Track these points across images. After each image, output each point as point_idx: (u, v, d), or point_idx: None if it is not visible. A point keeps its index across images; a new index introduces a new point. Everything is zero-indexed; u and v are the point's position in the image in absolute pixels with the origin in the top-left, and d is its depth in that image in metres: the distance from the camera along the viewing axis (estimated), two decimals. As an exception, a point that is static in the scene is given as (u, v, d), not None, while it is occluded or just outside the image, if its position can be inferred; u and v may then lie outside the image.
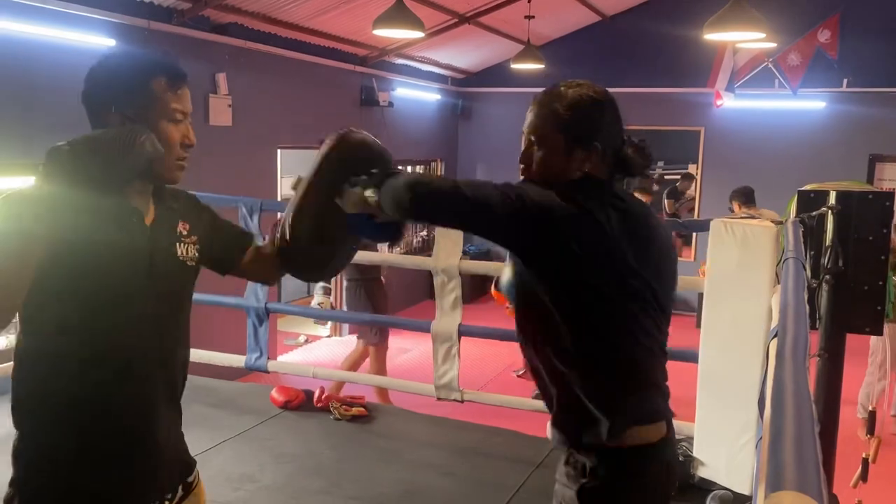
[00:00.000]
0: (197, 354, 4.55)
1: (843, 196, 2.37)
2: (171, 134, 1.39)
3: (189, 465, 1.63)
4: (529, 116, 1.68)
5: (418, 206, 1.50)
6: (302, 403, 4.15)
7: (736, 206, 6.42)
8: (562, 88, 1.67)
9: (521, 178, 1.66)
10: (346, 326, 8.26)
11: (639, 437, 1.60)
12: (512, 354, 7.01)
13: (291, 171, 8.32)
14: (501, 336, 4.98)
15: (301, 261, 1.67)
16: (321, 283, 8.27)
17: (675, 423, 3.67)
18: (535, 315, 1.61)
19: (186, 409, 4.36)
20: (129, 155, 1.31)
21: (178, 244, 1.48)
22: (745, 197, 6.39)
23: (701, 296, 3.34)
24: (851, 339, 2.44)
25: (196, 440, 3.63)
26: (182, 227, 1.50)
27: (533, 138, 1.64)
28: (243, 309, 4.39)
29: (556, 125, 1.61)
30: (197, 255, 1.52)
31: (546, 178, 1.58)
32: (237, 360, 4.48)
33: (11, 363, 1.44)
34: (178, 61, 1.43)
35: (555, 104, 1.63)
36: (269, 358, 4.41)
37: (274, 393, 4.21)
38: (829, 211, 2.35)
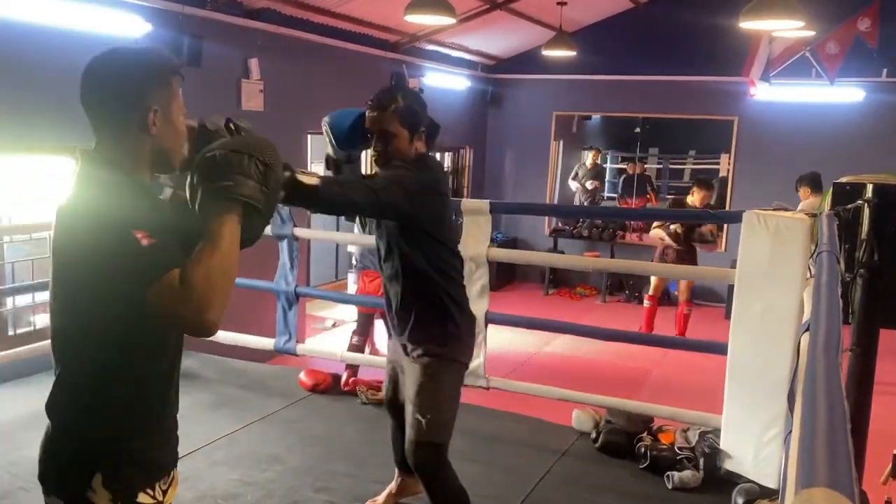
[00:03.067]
0: (227, 336, 4.63)
1: (880, 189, 2.32)
2: (185, 128, 1.52)
3: None
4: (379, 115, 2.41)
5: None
6: (329, 387, 4.19)
7: (803, 193, 6.38)
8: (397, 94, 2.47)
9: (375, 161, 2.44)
10: (373, 311, 8.30)
11: None
12: (538, 342, 7.01)
13: (321, 156, 8.37)
14: (528, 324, 5.00)
15: None
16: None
17: (702, 414, 3.65)
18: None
19: (216, 389, 4.41)
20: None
21: None
22: (814, 183, 6.32)
23: (731, 287, 3.31)
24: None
25: (225, 421, 3.71)
26: None
27: (390, 130, 2.39)
28: (273, 292, 4.44)
29: (404, 122, 2.38)
30: None
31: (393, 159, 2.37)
32: (267, 343, 4.53)
33: (48, 341, 1.52)
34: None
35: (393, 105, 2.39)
36: (297, 341, 4.46)
37: (302, 376, 4.26)
38: (866, 204, 2.31)
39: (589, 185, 10.29)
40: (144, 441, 1.53)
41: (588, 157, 10.41)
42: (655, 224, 7.23)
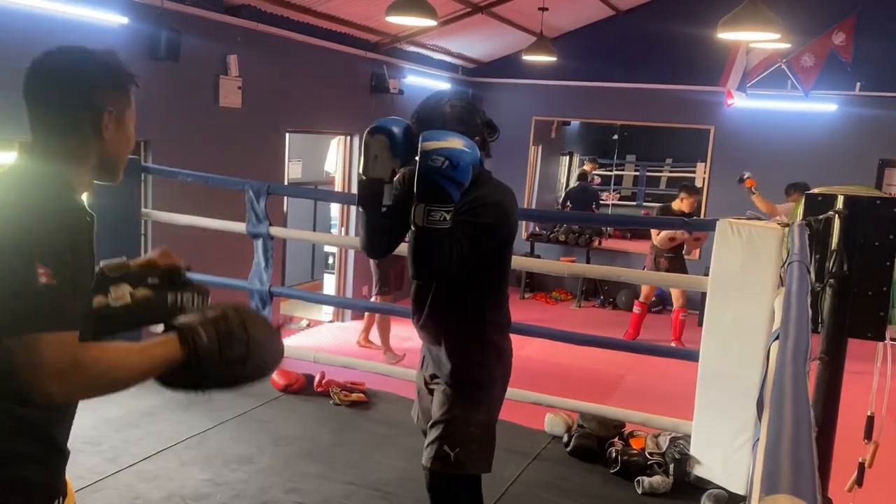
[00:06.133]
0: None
1: (850, 200, 2.35)
2: (133, 136, 1.45)
3: None
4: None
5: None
6: (302, 387, 4.17)
7: (794, 198, 6.67)
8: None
9: None
10: (348, 312, 8.28)
11: None
12: (513, 346, 7.02)
13: (299, 154, 8.33)
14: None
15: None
16: None
17: (673, 420, 3.69)
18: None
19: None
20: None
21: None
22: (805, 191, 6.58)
23: (704, 295, 3.34)
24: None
25: (196, 420, 3.68)
26: None
27: None
28: (247, 291, 4.41)
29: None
30: None
31: None
32: (239, 342, 4.49)
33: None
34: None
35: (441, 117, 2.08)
36: (270, 341, 4.43)
37: (274, 376, 4.23)
38: (836, 215, 2.34)
39: None
40: (36, 465, 1.35)
41: None
42: (660, 232, 7.39)
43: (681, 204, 7.37)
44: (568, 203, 10.36)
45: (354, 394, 4.07)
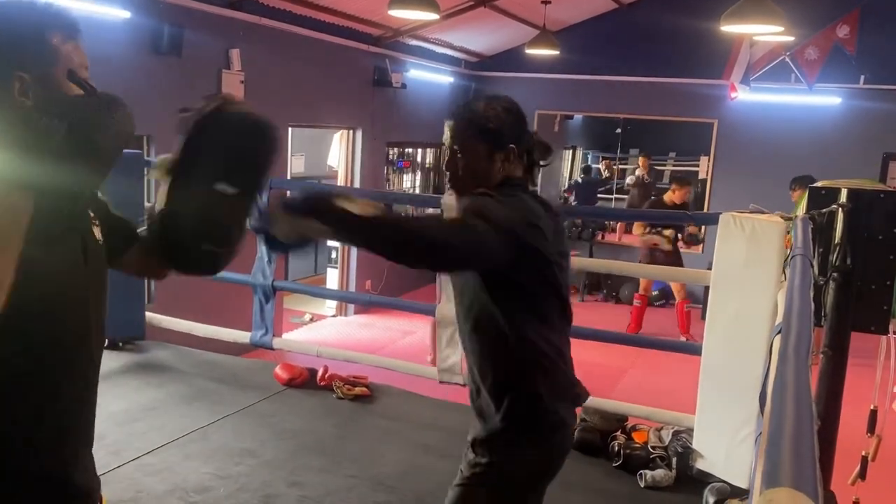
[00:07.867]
0: (203, 329, 4.60)
1: (854, 194, 2.35)
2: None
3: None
4: (449, 130, 1.80)
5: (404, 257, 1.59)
6: (305, 381, 4.18)
7: (800, 193, 6.65)
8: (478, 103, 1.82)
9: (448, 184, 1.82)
10: (351, 306, 8.28)
11: None
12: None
13: (302, 149, 8.33)
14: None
15: (191, 262, 1.48)
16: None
17: (676, 414, 3.69)
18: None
19: (191, 382, 4.37)
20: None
21: (92, 226, 1.31)
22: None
23: (707, 289, 3.34)
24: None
25: (199, 414, 3.69)
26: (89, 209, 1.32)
27: (456, 148, 1.77)
28: (250, 286, 4.41)
29: (479, 135, 1.75)
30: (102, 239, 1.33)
31: (472, 183, 1.75)
32: (242, 336, 4.51)
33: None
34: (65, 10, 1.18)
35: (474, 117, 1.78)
36: (274, 335, 4.44)
37: (278, 370, 4.24)
38: (840, 208, 2.34)
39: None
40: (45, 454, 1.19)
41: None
42: (643, 231, 7.37)
43: (672, 195, 7.40)
44: (568, 193, 10.42)
45: (357, 388, 4.08)
